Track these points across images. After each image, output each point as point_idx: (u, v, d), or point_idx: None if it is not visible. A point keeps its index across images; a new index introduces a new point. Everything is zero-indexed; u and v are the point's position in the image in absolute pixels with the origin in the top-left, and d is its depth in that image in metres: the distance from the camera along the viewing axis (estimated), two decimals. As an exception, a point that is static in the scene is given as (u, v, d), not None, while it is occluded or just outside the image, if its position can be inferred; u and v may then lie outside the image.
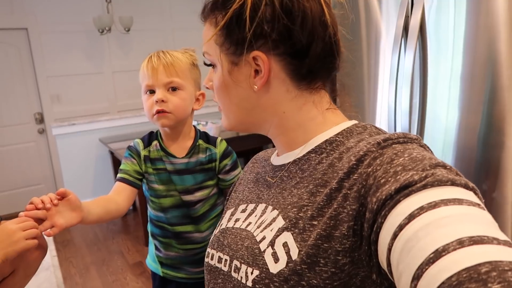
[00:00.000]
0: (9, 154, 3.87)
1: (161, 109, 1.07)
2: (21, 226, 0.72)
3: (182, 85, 1.09)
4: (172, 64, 1.07)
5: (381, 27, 1.37)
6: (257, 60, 0.54)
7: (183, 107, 1.10)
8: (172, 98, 1.08)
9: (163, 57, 1.07)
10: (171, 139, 1.16)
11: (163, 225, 1.18)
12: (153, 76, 1.06)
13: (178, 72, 1.08)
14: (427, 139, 1.24)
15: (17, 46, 3.77)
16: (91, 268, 2.91)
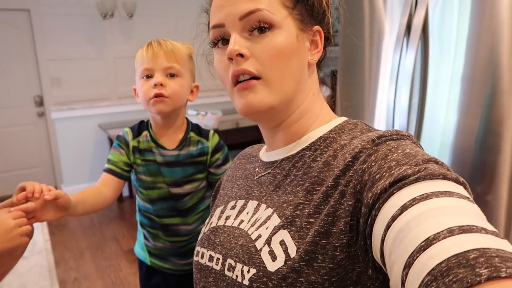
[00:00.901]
0: (8, 136, 3.86)
1: (160, 93, 1.04)
2: (18, 223, 0.74)
3: (181, 72, 1.08)
4: (173, 50, 1.06)
5: (385, 25, 1.36)
6: (316, 35, 0.57)
7: (180, 93, 1.08)
8: (171, 83, 1.06)
9: (163, 44, 1.07)
10: (162, 130, 1.14)
11: (150, 216, 1.18)
12: (153, 60, 1.05)
13: (178, 59, 1.07)
14: (424, 139, 1.24)
15: (18, 27, 3.74)
16: (85, 253, 2.92)
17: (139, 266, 1.29)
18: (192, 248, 1.20)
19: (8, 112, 3.83)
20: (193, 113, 3.27)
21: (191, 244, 1.20)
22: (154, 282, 1.24)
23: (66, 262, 2.79)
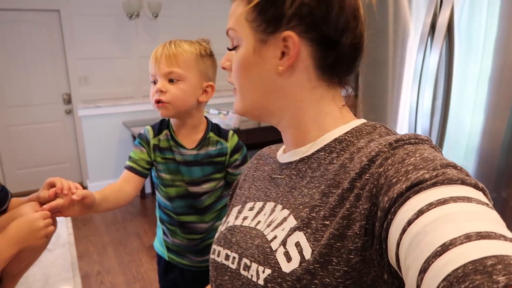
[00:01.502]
0: (37, 132, 4.00)
1: (159, 99, 1.07)
2: (46, 223, 0.78)
3: (183, 76, 1.07)
4: (175, 54, 1.06)
5: (410, 25, 1.33)
6: (287, 41, 0.53)
7: (182, 98, 1.08)
8: (171, 89, 1.07)
9: (167, 48, 1.07)
10: (181, 130, 1.16)
11: (169, 213, 1.20)
12: (155, 65, 1.07)
13: (179, 62, 1.07)
14: (448, 142, 1.21)
15: (49, 27, 3.87)
16: (109, 248, 3.00)
17: (157, 261, 1.31)
18: (208, 245, 1.21)
19: (38, 109, 3.96)
20: (215, 112, 3.29)
21: (207, 242, 1.21)
22: (172, 276, 1.27)
23: (90, 256, 2.87)
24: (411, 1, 1.31)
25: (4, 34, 3.70)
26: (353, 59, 0.56)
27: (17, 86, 3.80)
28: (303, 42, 0.53)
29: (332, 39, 0.52)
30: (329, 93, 0.57)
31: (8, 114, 3.81)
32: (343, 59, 0.54)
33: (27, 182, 3.89)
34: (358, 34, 0.54)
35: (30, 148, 3.98)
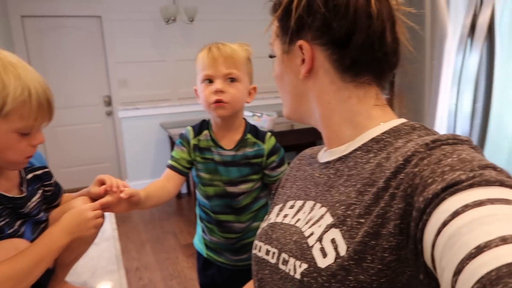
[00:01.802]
0: (79, 133, 4.19)
1: (220, 99, 1.09)
2: (95, 214, 0.83)
3: (240, 77, 1.11)
4: (232, 56, 1.09)
5: (448, 25, 1.31)
6: (303, 49, 0.58)
7: (239, 98, 1.12)
8: (230, 89, 1.10)
9: (222, 49, 1.10)
10: (221, 131, 1.18)
11: (207, 211, 1.23)
12: (214, 66, 1.09)
13: (236, 64, 1.10)
14: (489, 146, 1.18)
15: (91, 33, 4.05)
16: (146, 245, 3.10)
17: (197, 258, 1.36)
18: (244, 245, 1.24)
19: (80, 111, 4.15)
20: (249, 114, 3.33)
21: (243, 241, 1.24)
22: (210, 273, 1.30)
23: (129, 252, 2.98)
24: (449, 1, 1.29)
25: (50, 39, 3.91)
26: (376, 58, 0.56)
27: (61, 89, 4.00)
28: (316, 48, 0.57)
29: (342, 42, 0.55)
30: (358, 93, 0.58)
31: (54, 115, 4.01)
32: (364, 58, 0.56)
33: (70, 180, 4.07)
34: (373, 32, 0.54)
35: (73, 148, 4.17)
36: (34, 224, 0.85)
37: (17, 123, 0.71)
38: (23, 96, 0.69)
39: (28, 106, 0.70)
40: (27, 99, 0.70)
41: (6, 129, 0.71)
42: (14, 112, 0.69)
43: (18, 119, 0.70)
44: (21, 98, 0.69)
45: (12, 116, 0.70)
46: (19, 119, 0.71)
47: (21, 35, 3.79)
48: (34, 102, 0.71)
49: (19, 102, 0.69)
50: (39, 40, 3.88)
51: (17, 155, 0.75)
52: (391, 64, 0.58)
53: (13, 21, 3.73)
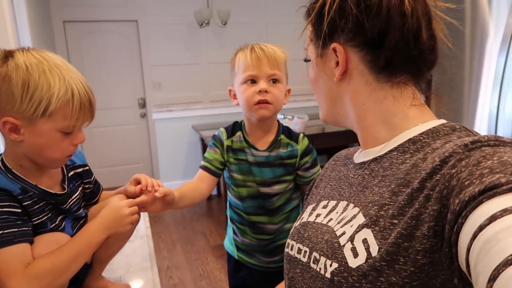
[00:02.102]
0: (115, 134, 4.32)
1: (264, 99, 1.10)
2: (131, 211, 0.86)
3: (281, 78, 1.12)
4: (275, 57, 1.10)
5: (489, 24, 1.26)
6: (337, 52, 0.58)
7: (281, 99, 1.13)
8: (273, 90, 1.11)
9: (266, 50, 1.10)
10: (255, 132, 1.19)
11: (240, 212, 1.24)
12: (258, 66, 1.09)
13: (279, 65, 1.11)
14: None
15: (128, 36, 4.18)
16: (177, 245, 3.15)
17: (227, 259, 1.36)
18: (277, 247, 1.23)
19: (116, 112, 4.28)
20: (280, 117, 3.33)
21: (275, 243, 1.23)
22: (241, 275, 1.30)
23: (160, 252, 3.04)
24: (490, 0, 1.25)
25: (89, 43, 4.06)
26: (412, 57, 0.55)
27: (98, 91, 4.14)
28: (349, 49, 0.57)
29: (375, 42, 0.55)
30: (393, 93, 0.57)
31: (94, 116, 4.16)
32: (398, 58, 0.55)
33: (106, 180, 4.20)
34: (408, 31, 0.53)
35: (109, 148, 4.31)
36: (74, 220, 0.88)
37: (60, 123, 0.74)
38: (67, 96, 0.72)
39: (71, 106, 0.73)
40: (70, 100, 0.73)
41: (50, 128, 0.73)
42: (58, 112, 0.72)
43: (61, 119, 0.73)
44: (64, 98, 0.72)
45: (56, 115, 0.72)
46: (62, 118, 0.73)
47: (62, 39, 3.96)
48: (76, 102, 0.74)
49: (62, 102, 0.72)
50: (78, 44, 4.05)
51: (58, 153, 0.77)
52: (428, 62, 0.57)
53: (55, 26, 3.91)
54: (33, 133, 0.73)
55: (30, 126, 0.72)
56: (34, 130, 0.73)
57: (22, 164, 0.78)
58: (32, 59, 0.72)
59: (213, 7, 4.12)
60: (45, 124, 0.73)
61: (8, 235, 0.69)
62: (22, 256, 0.70)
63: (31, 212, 0.77)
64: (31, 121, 0.72)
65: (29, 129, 0.72)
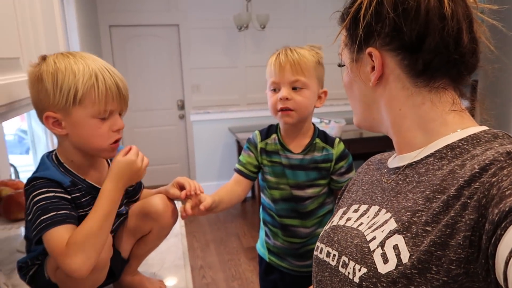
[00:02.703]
0: (154, 134, 4.45)
1: (285, 107, 1.10)
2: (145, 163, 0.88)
3: (306, 84, 1.11)
4: (299, 62, 1.09)
5: (540, 28, 1.19)
6: (372, 56, 0.57)
7: (305, 105, 1.12)
8: (296, 96, 1.10)
9: (290, 55, 1.10)
10: (290, 135, 1.19)
11: (272, 215, 1.24)
12: (280, 73, 1.10)
13: (303, 70, 1.10)
14: None
15: (169, 40, 4.30)
16: (211, 245, 3.20)
17: (259, 262, 1.37)
18: (309, 251, 1.22)
19: (156, 114, 4.42)
20: (317, 121, 3.30)
21: (307, 247, 1.23)
22: (272, 278, 1.31)
23: (194, 251, 3.10)
24: (543, 2, 1.18)
25: (132, 46, 4.22)
26: (452, 60, 0.54)
27: (141, 93, 4.29)
28: (386, 54, 0.56)
29: (413, 46, 0.54)
30: (431, 98, 0.56)
31: (133, 117, 4.32)
32: (437, 61, 0.54)
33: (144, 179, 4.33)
34: (449, 33, 0.52)
35: (149, 148, 4.44)
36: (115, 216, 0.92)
37: (91, 108, 0.77)
38: (91, 81, 0.76)
39: (96, 90, 0.76)
40: (94, 84, 0.76)
41: (84, 116, 0.77)
42: (86, 97, 0.76)
43: (90, 104, 0.77)
44: (89, 83, 0.75)
45: (85, 101, 0.76)
46: (91, 104, 0.77)
47: (108, 43, 4.14)
48: (101, 86, 0.76)
49: (88, 87, 0.75)
50: (123, 47, 4.21)
51: (101, 141, 0.80)
52: (469, 65, 0.56)
53: (102, 30, 4.09)
54: (72, 124, 0.78)
55: (68, 117, 0.77)
56: (72, 120, 0.77)
57: (73, 159, 0.83)
58: (59, 56, 0.77)
59: (252, 11, 4.16)
60: (78, 112, 0.77)
61: (61, 216, 0.74)
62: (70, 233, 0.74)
63: (78, 204, 0.82)
64: (66, 112, 0.76)
65: (68, 120, 0.77)
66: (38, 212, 0.74)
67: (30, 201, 0.76)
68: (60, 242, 0.72)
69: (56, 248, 0.72)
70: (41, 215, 0.74)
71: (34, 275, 0.87)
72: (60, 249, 0.71)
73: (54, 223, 0.73)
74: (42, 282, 0.85)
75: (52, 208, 0.75)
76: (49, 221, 0.73)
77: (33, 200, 0.75)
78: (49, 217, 0.73)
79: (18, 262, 0.90)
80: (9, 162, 1.65)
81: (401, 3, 0.53)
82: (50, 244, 0.72)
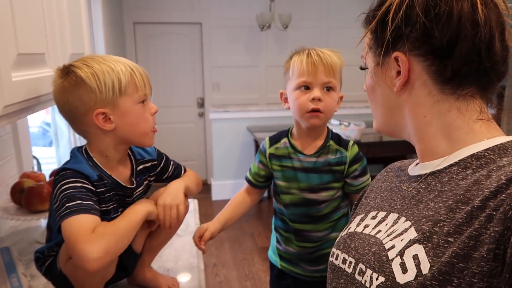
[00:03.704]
0: (174, 131, 4.50)
1: (317, 108, 1.08)
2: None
3: (336, 86, 1.10)
4: (331, 65, 1.08)
5: None
6: (399, 61, 0.56)
7: (333, 107, 1.11)
8: (327, 98, 1.09)
9: (323, 57, 1.08)
10: (304, 137, 1.17)
11: (284, 219, 1.23)
12: (313, 73, 1.07)
13: (335, 73, 1.09)
14: None
15: (191, 38, 4.34)
16: (225, 243, 3.21)
17: (270, 268, 1.35)
18: (322, 255, 1.21)
19: (176, 110, 4.46)
20: (336, 123, 3.27)
21: (321, 251, 1.21)
22: (285, 283, 1.29)
23: (208, 248, 3.10)
24: None
25: (156, 43, 4.28)
26: (484, 67, 0.52)
27: (162, 89, 4.34)
28: (413, 59, 0.55)
29: (443, 52, 0.52)
30: (459, 106, 0.54)
31: (151, 87, 4.39)
32: (467, 69, 0.52)
33: (162, 175, 4.40)
34: (481, 40, 0.50)
35: (168, 144, 4.49)
36: None
37: (135, 94, 0.84)
38: (128, 70, 0.83)
39: (136, 77, 0.84)
40: (132, 72, 0.84)
41: (131, 103, 0.84)
42: (129, 86, 0.83)
43: (134, 91, 0.84)
44: (128, 72, 0.83)
45: (129, 89, 0.83)
46: (135, 90, 0.84)
47: (132, 40, 4.21)
48: (137, 73, 0.85)
49: (128, 76, 0.83)
50: (146, 44, 4.27)
51: (146, 125, 0.88)
52: (499, 74, 0.54)
53: (126, 27, 4.16)
54: (121, 114, 0.83)
55: (116, 109, 0.82)
56: (120, 111, 0.83)
57: (108, 154, 0.87)
58: (83, 60, 0.83)
59: (275, 11, 4.15)
60: (125, 101, 0.83)
61: (86, 206, 0.78)
62: (93, 223, 0.77)
63: (102, 198, 0.85)
64: (114, 104, 0.82)
65: (116, 112, 0.82)
66: (64, 199, 0.77)
67: (58, 189, 0.79)
68: (84, 228, 0.74)
69: (79, 233, 0.73)
70: (67, 202, 0.76)
71: (49, 266, 0.89)
72: (83, 235, 0.73)
73: (79, 211, 0.76)
74: (56, 273, 0.87)
75: (79, 197, 0.78)
76: (75, 208, 0.76)
77: (60, 189, 0.79)
78: (75, 204, 0.76)
79: (36, 252, 0.92)
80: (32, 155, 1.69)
81: (433, 7, 0.51)
82: (72, 229, 0.74)
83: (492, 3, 0.52)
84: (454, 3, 0.51)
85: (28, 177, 1.32)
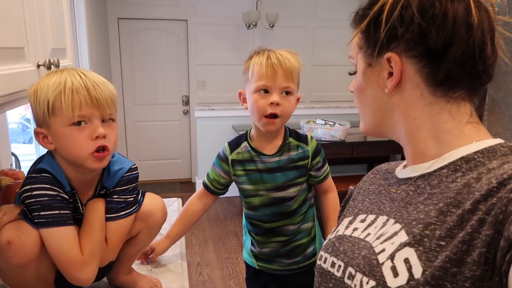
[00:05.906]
0: (158, 128, 4.45)
1: (275, 113, 1.07)
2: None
3: (294, 90, 1.11)
4: (290, 69, 1.07)
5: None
6: (391, 62, 0.55)
7: (291, 111, 1.12)
8: (285, 103, 1.09)
9: (282, 60, 1.07)
10: (263, 139, 1.17)
11: (256, 222, 1.23)
12: (272, 77, 1.06)
13: (294, 77, 1.09)
14: None
15: (177, 35, 4.29)
16: (209, 242, 3.19)
17: (246, 268, 1.35)
18: (295, 247, 1.23)
19: (160, 108, 4.42)
20: (321, 122, 3.28)
21: (294, 243, 1.22)
22: (262, 280, 1.30)
23: (192, 247, 3.09)
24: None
25: (141, 40, 4.22)
26: (475, 71, 0.52)
27: (145, 86, 4.29)
28: (406, 60, 0.54)
29: (437, 54, 0.52)
30: (450, 108, 0.55)
31: (137, 111, 4.33)
32: (459, 72, 0.52)
33: (146, 173, 4.35)
34: (475, 43, 0.51)
35: (152, 142, 4.45)
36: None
37: (63, 115, 0.75)
38: (59, 87, 0.74)
39: (64, 96, 0.74)
40: (62, 90, 0.74)
41: (60, 124, 0.76)
42: (56, 105, 0.75)
43: (61, 111, 0.75)
44: (57, 90, 0.74)
45: (57, 109, 0.75)
46: (61, 110, 0.75)
47: (116, 35, 4.14)
48: (68, 90, 0.74)
49: (56, 94, 0.74)
50: (130, 40, 4.21)
51: (78, 150, 0.77)
52: (490, 77, 0.54)
53: (110, 22, 4.09)
54: (54, 136, 0.77)
55: (50, 130, 0.77)
56: (53, 132, 0.77)
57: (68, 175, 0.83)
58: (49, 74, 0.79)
59: (261, 10, 4.14)
60: (55, 122, 0.76)
61: (63, 216, 0.77)
62: (76, 236, 0.78)
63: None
64: (47, 125, 0.77)
65: (50, 133, 0.77)
66: (39, 206, 0.75)
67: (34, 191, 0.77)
68: (72, 250, 0.76)
69: (72, 257, 0.76)
70: (42, 210, 0.75)
71: None
72: (76, 259, 0.76)
73: (58, 223, 0.76)
74: None
75: (56, 206, 0.77)
76: (53, 219, 0.76)
77: (37, 192, 0.76)
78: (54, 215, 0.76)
79: None
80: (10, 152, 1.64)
81: (430, 8, 0.51)
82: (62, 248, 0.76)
83: (483, 8, 0.53)
84: (449, 5, 0.51)
85: (6, 174, 1.28)
